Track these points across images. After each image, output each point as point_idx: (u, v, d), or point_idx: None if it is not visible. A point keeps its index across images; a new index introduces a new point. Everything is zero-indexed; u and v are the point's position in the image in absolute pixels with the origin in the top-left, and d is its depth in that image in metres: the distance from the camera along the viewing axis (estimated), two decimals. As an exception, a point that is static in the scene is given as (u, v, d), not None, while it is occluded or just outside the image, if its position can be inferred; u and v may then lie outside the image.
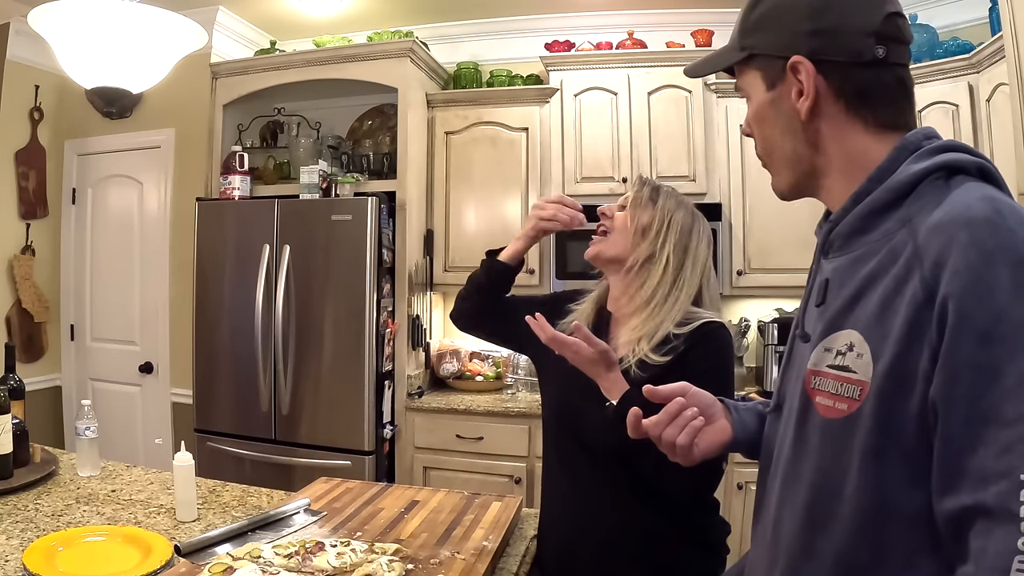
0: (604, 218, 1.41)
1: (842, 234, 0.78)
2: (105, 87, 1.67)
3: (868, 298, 0.71)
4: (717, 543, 1.39)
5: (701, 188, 3.10)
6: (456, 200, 3.38)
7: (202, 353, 3.19)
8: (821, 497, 0.74)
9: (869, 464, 0.68)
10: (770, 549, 0.82)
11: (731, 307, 3.32)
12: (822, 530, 0.73)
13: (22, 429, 1.76)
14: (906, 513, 0.67)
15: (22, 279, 3.53)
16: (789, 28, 0.79)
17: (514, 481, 2.93)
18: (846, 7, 0.77)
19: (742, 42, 0.84)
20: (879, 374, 0.67)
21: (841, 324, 0.74)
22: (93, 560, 1.26)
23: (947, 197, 0.69)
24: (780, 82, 0.80)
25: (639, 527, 1.31)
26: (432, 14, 3.51)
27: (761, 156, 0.88)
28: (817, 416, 0.75)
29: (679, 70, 3.19)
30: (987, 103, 2.59)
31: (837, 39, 0.76)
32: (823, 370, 0.75)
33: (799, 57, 0.77)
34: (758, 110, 0.84)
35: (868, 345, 0.69)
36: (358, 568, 1.15)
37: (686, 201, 1.43)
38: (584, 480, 1.36)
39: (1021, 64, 2.03)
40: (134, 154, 3.63)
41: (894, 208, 0.73)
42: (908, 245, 0.68)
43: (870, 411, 0.68)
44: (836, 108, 0.78)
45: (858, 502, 0.69)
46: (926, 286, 0.65)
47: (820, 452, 0.74)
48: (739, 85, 0.87)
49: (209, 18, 3.30)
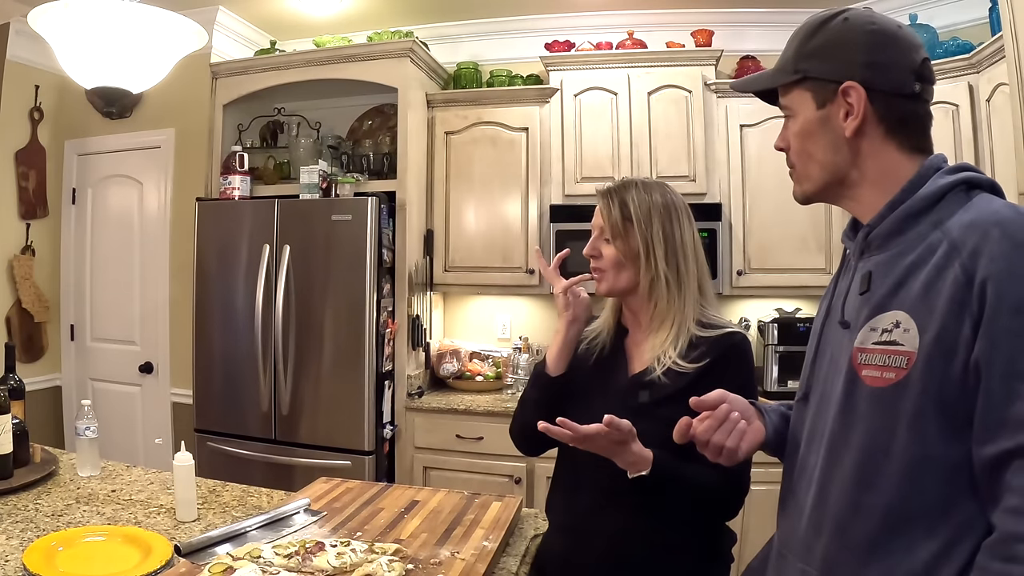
0: (594, 260, 1.39)
1: (881, 235, 0.91)
2: (105, 87, 1.67)
3: (911, 284, 0.85)
4: (725, 552, 1.38)
5: (701, 188, 3.11)
6: (456, 200, 3.38)
7: (202, 353, 3.19)
8: (871, 457, 0.85)
9: (916, 422, 0.81)
10: (811, 519, 0.93)
11: (731, 307, 3.32)
12: (869, 486, 0.85)
13: (22, 429, 1.76)
14: (947, 464, 0.80)
15: (22, 279, 3.53)
16: (846, 59, 0.92)
17: (514, 481, 2.94)
18: (896, 48, 0.91)
19: (797, 66, 0.96)
20: (926, 344, 0.81)
21: (887, 306, 0.87)
22: (93, 560, 1.26)
23: (970, 204, 0.85)
24: (830, 103, 0.93)
25: (653, 539, 1.29)
26: (432, 14, 3.51)
27: (794, 164, 1.00)
28: (865, 387, 0.87)
29: (679, 70, 3.24)
30: (987, 103, 2.60)
31: (888, 73, 0.91)
32: (869, 347, 0.87)
33: (853, 83, 0.91)
34: (805, 125, 0.97)
35: (914, 321, 0.83)
36: (358, 568, 1.15)
37: (648, 188, 1.37)
38: (600, 493, 1.33)
39: (1021, 64, 2.03)
40: (134, 154, 3.63)
41: (925, 213, 0.87)
42: (943, 241, 0.83)
43: (918, 376, 0.81)
44: (877, 131, 0.92)
45: (906, 456, 0.82)
46: (966, 271, 0.79)
47: (869, 418, 0.86)
48: (784, 103, 1.00)
49: (209, 18, 3.30)
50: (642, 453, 1.19)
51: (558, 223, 3.18)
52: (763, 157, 3.03)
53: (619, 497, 1.29)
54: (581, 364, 1.43)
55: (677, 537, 1.30)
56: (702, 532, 1.33)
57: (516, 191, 3.30)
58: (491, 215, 3.33)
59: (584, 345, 1.45)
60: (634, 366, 1.38)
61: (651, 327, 1.36)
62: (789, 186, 1.02)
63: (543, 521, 1.57)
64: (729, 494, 1.28)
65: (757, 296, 3.20)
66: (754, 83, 1.05)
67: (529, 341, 3.46)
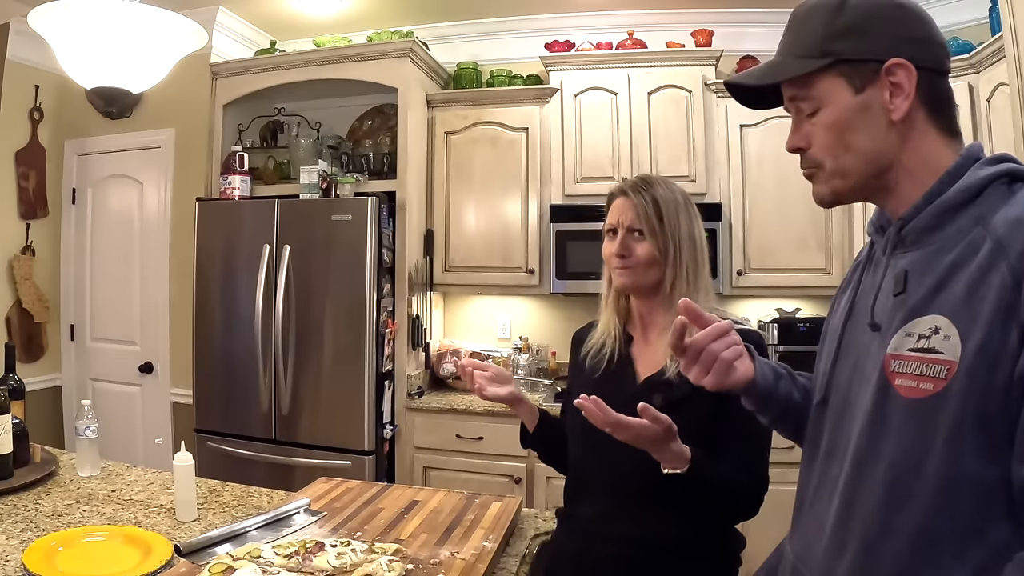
0: (622, 259, 1.35)
1: (917, 229, 0.83)
2: (105, 87, 1.67)
3: (952, 286, 0.76)
4: (735, 555, 1.37)
5: (701, 188, 3.10)
6: (456, 200, 3.38)
7: (202, 353, 3.19)
8: (902, 475, 0.78)
9: (954, 439, 0.73)
10: (835, 535, 0.85)
11: (731, 307, 3.32)
12: (900, 508, 0.77)
13: (22, 429, 1.76)
14: (983, 484, 0.73)
15: (22, 279, 3.53)
16: (887, 34, 0.83)
17: (514, 481, 2.94)
18: (928, 21, 0.85)
19: (826, 48, 0.85)
20: (969, 353, 0.73)
21: (925, 310, 0.78)
22: (93, 560, 1.26)
23: (1015, 199, 0.77)
24: (871, 85, 0.83)
25: (665, 543, 1.27)
26: (432, 14, 3.51)
27: (821, 163, 0.89)
28: (899, 398, 0.79)
29: (679, 70, 3.24)
30: (987, 103, 2.59)
31: (929, 47, 0.84)
32: (904, 354, 0.79)
33: (900, 60, 0.81)
34: (842, 115, 0.86)
35: (956, 328, 0.75)
36: (358, 568, 1.15)
37: (669, 186, 1.39)
38: (610, 498, 1.32)
39: (1021, 64, 2.03)
40: (134, 154, 3.63)
41: (965, 207, 0.80)
42: (987, 239, 0.75)
43: (959, 388, 0.73)
44: (919, 113, 0.83)
45: (941, 476, 0.74)
46: (1014, 273, 0.72)
47: (902, 431, 0.78)
48: (806, 95, 0.88)
49: (209, 18, 3.30)
50: (682, 451, 1.16)
51: (558, 223, 3.18)
52: (763, 157, 3.03)
53: (629, 502, 1.29)
54: (589, 377, 1.41)
55: (689, 541, 1.28)
56: (714, 535, 1.32)
57: (516, 191, 3.30)
58: (491, 215, 3.33)
59: (590, 358, 1.42)
60: (642, 369, 1.36)
61: (665, 323, 1.33)
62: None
63: (543, 521, 1.57)
64: (753, 491, 1.26)
65: (757, 296, 3.21)
66: (770, 74, 0.91)
67: (529, 341, 3.46)
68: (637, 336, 1.41)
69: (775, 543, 1.06)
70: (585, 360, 1.44)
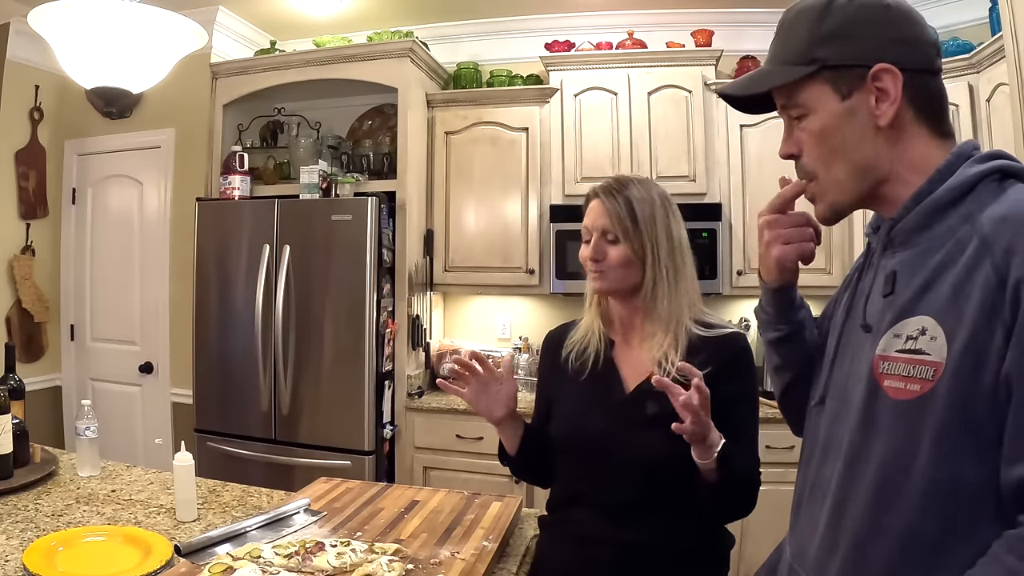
0: (596, 263, 1.33)
1: (905, 229, 0.83)
2: (105, 87, 1.68)
3: (938, 286, 0.76)
4: (725, 556, 1.37)
5: (701, 188, 3.10)
6: (456, 200, 3.38)
7: (202, 353, 3.19)
8: (891, 476, 0.78)
9: (941, 440, 0.73)
10: (827, 534, 0.86)
11: (731, 307, 3.32)
12: (889, 508, 0.77)
13: (22, 429, 1.76)
14: (972, 485, 0.72)
15: (22, 279, 3.53)
16: (872, 37, 0.82)
17: (514, 481, 2.93)
18: (915, 21, 0.83)
19: (812, 55, 0.84)
20: (955, 354, 0.73)
21: (912, 311, 0.78)
22: (93, 560, 1.26)
23: (1004, 196, 0.76)
24: (857, 90, 0.83)
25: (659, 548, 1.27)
26: (432, 14, 3.51)
27: (814, 173, 0.89)
28: (887, 399, 0.79)
29: (679, 70, 3.23)
30: (987, 103, 2.60)
31: (917, 47, 0.83)
32: (892, 355, 0.79)
33: (886, 64, 0.81)
34: (828, 122, 0.85)
35: (942, 328, 0.74)
36: (358, 568, 1.15)
37: (646, 186, 1.36)
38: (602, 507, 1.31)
39: (1021, 64, 2.03)
40: (134, 154, 3.63)
41: (954, 206, 0.79)
42: (973, 238, 0.75)
43: (945, 390, 0.73)
44: (907, 115, 0.83)
45: (929, 477, 0.74)
46: (998, 271, 0.71)
47: (891, 433, 0.78)
48: (794, 102, 0.87)
49: (209, 18, 3.30)
50: (715, 442, 1.16)
51: (558, 223, 3.18)
52: (763, 157, 3.03)
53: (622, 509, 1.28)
54: (575, 380, 1.39)
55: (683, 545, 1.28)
56: (706, 537, 1.32)
57: (516, 191, 3.30)
58: (491, 215, 3.33)
59: (574, 358, 1.40)
60: (629, 376, 1.34)
61: (646, 329, 1.34)
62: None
63: (543, 521, 1.57)
64: (758, 486, 1.28)
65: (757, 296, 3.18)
66: (755, 84, 0.91)
67: (529, 341, 3.46)
68: (619, 340, 1.39)
69: (775, 543, 1.07)
70: (568, 361, 1.41)
